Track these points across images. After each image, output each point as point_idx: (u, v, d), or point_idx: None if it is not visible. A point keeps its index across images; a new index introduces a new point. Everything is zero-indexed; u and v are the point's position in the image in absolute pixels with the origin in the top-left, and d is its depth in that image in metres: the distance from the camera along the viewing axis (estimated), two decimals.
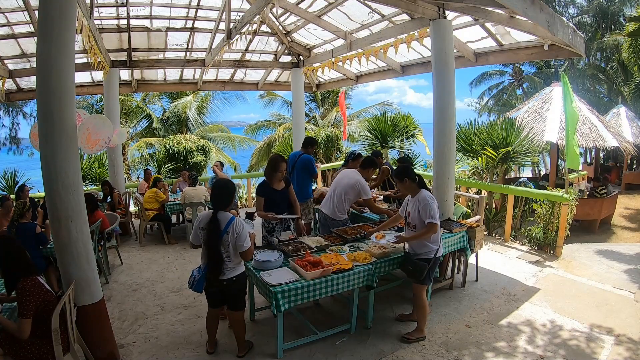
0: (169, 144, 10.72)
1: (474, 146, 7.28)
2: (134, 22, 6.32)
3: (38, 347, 2.47)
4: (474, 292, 4.28)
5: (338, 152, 12.85)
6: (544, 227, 5.64)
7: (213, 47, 6.62)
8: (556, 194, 5.64)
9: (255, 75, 8.87)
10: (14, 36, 5.76)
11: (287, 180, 4.05)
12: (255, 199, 4.14)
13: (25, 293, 2.45)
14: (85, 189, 6.67)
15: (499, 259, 5.36)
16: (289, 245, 3.77)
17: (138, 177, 12.80)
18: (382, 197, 5.71)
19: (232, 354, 3.22)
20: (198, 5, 6.20)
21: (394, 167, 5.46)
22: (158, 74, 8.17)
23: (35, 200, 6.02)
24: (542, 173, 10.02)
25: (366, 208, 4.86)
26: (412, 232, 3.40)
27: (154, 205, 6.23)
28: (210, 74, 8.40)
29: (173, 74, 8.28)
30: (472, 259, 4.58)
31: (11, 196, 6.08)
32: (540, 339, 3.41)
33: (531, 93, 18.28)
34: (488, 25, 5.02)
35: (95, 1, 5.32)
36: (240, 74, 8.72)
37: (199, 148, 11.03)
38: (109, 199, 6.59)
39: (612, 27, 18.63)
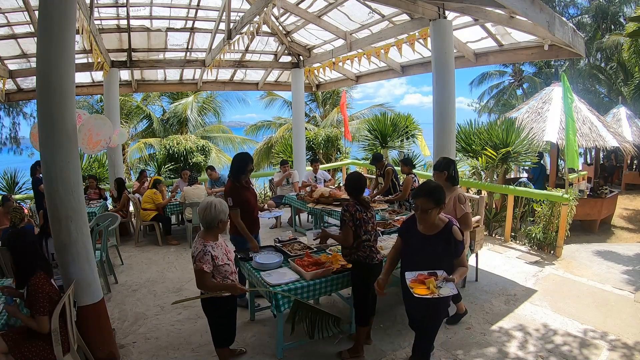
0: (168, 144, 10.71)
1: (474, 146, 7.27)
2: (134, 22, 6.32)
3: (38, 347, 2.47)
4: (474, 292, 4.28)
5: (338, 152, 12.85)
6: (544, 227, 5.64)
7: (213, 47, 6.62)
8: (556, 194, 5.63)
9: (255, 75, 8.88)
10: (14, 36, 5.77)
11: None
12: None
13: (37, 290, 2.46)
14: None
15: (499, 259, 5.36)
16: (288, 245, 3.77)
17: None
18: (379, 197, 5.71)
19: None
20: (198, 5, 6.21)
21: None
22: (158, 74, 8.18)
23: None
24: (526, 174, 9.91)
25: None
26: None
27: (152, 205, 6.23)
28: (210, 74, 8.40)
29: (173, 74, 8.28)
30: (472, 260, 4.56)
31: (13, 196, 6.11)
32: (541, 339, 3.41)
33: (531, 93, 18.27)
34: (488, 25, 5.02)
35: (95, 1, 5.33)
36: (240, 74, 8.73)
37: (199, 148, 11.01)
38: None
39: (612, 27, 18.64)
